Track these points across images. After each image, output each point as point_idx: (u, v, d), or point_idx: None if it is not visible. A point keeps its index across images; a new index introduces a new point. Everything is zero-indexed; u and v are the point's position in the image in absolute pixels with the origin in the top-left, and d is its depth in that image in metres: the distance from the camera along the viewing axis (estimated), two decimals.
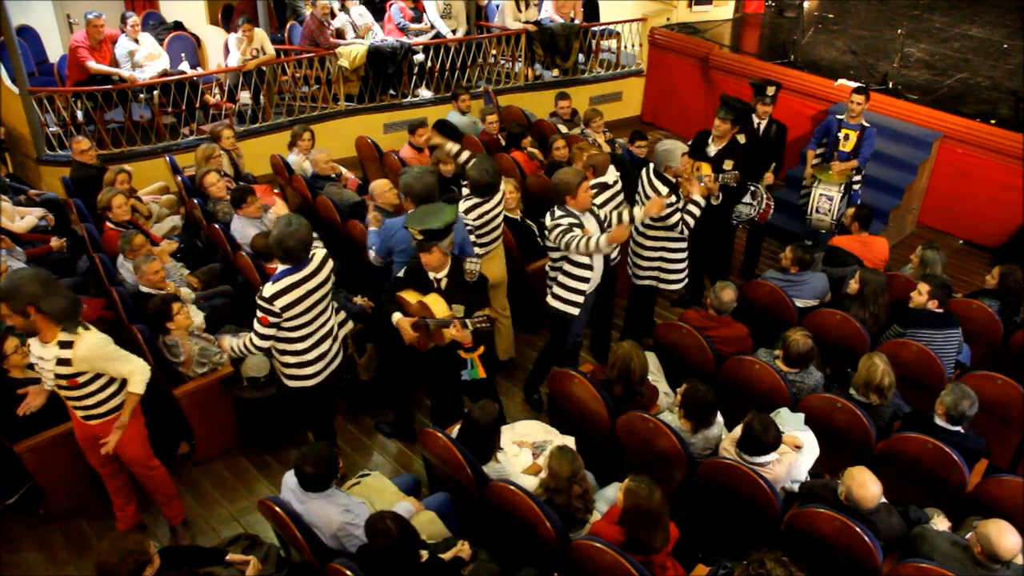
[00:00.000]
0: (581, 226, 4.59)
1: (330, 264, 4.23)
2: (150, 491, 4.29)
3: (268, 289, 3.96)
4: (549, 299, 4.87)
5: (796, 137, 8.26)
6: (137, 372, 3.83)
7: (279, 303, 3.96)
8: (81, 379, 3.72)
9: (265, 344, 4.12)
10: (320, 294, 4.15)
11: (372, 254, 4.97)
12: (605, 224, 4.83)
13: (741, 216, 6.23)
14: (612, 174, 5.31)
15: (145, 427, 4.09)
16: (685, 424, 4.06)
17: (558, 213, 4.61)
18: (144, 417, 4.08)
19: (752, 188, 6.15)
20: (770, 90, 6.33)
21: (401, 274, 4.44)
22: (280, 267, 4.05)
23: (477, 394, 4.55)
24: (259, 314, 4.01)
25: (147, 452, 4.12)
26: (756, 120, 6.36)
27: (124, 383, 3.88)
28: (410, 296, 4.30)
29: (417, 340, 4.28)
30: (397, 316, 4.32)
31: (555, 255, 4.81)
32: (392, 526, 3.15)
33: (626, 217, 4.73)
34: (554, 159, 6.77)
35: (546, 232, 4.70)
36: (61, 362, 3.63)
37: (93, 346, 3.66)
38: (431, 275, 4.28)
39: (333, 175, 6.68)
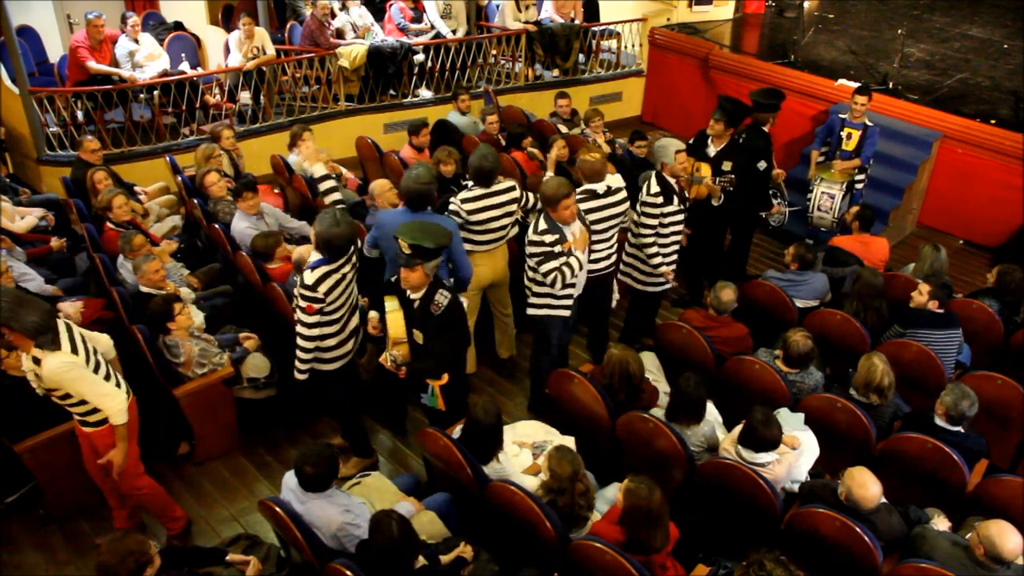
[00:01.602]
0: (563, 240, 4.49)
1: (355, 246, 4.40)
2: (143, 507, 4.28)
3: (309, 277, 4.07)
4: (529, 310, 4.81)
5: (796, 137, 8.28)
6: (109, 404, 3.73)
7: (322, 289, 4.09)
8: (56, 393, 3.70)
9: (316, 332, 4.20)
10: (350, 275, 4.35)
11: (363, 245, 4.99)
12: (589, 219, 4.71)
13: (780, 218, 6.45)
14: (609, 181, 4.98)
15: (136, 444, 3.99)
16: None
17: (541, 226, 4.50)
18: (136, 435, 3.98)
19: (772, 190, 6.31)
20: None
21: (393, 279, 4.39)
22: (315, 256, 4.15)
23: (438, 421, 4.38)
24: (303, 304, 4.10)
25: (134, 470, 4.00)
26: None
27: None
28: (387, 301, 4.30)
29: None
30: (373, 314, 4.36)
31: (532, 263, 4.66)
32: (395, 529, 3.15)
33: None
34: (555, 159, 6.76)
35: (527, 242, 4.59)
36: (36, 376, 3.65)
37: (55, 369, 3.57)
38: (407, 291, 4.19)
39: (333, 175, 6.67)
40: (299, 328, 4.19)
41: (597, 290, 5.12)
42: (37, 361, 3.59)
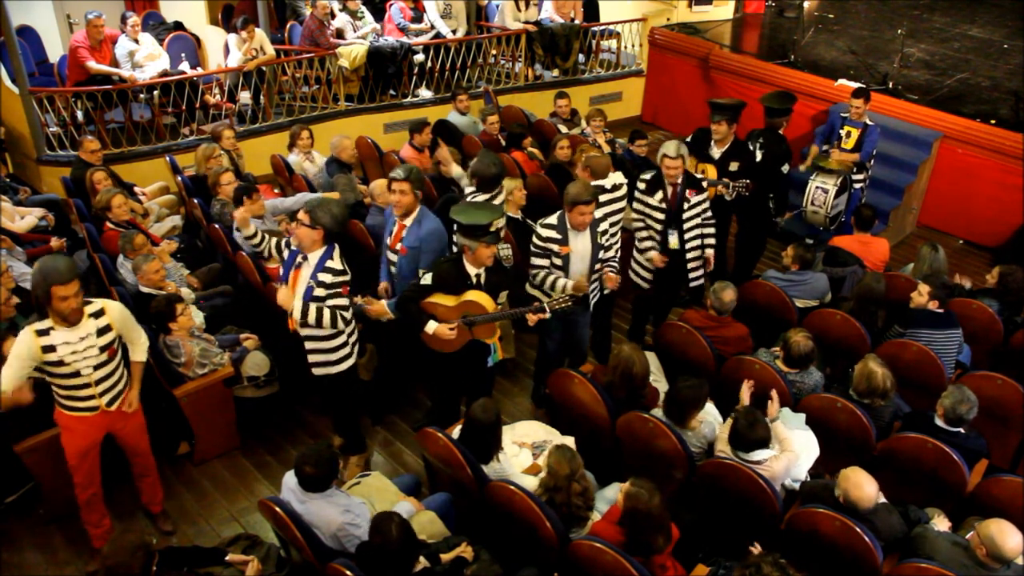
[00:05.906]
0: (562, 243, 4.53)
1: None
2: (139, 481, 4.34)
3: (339, 263, 4.20)
4: (527, 287, 4.85)
5: (796, 137, 8.27)
6: (143, 337, 4.10)
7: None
8: (116, 344, 3.88)
9: (350, 314, 4.34)
10: None
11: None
12: (603, 240, 4.68)
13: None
14: (613, 178, 5.24)
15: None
16: None
17: (550, 220, 4.56)
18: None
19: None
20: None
21: (428, 281, 4.33)
22: (324, 247, 4.18)
23: (479, 387, 4.58)
24: (340, 290, 4.18)
25: (147, 439, 4.25)
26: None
27: None
28: (445, 300, 4.22)
29: (453, 342, 4.27)
30: (433, 325, 4.20)
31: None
32: (395, 531, 3.14)
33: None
34: (556, 159, 6.76)
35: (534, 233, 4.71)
36: (102, 331, 3.75)
37: (120, 306, 3.90)
38: (472, 271, 4.24)
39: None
40: (340, 303, 4.18)
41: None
42: (98, 314, 3.76)
